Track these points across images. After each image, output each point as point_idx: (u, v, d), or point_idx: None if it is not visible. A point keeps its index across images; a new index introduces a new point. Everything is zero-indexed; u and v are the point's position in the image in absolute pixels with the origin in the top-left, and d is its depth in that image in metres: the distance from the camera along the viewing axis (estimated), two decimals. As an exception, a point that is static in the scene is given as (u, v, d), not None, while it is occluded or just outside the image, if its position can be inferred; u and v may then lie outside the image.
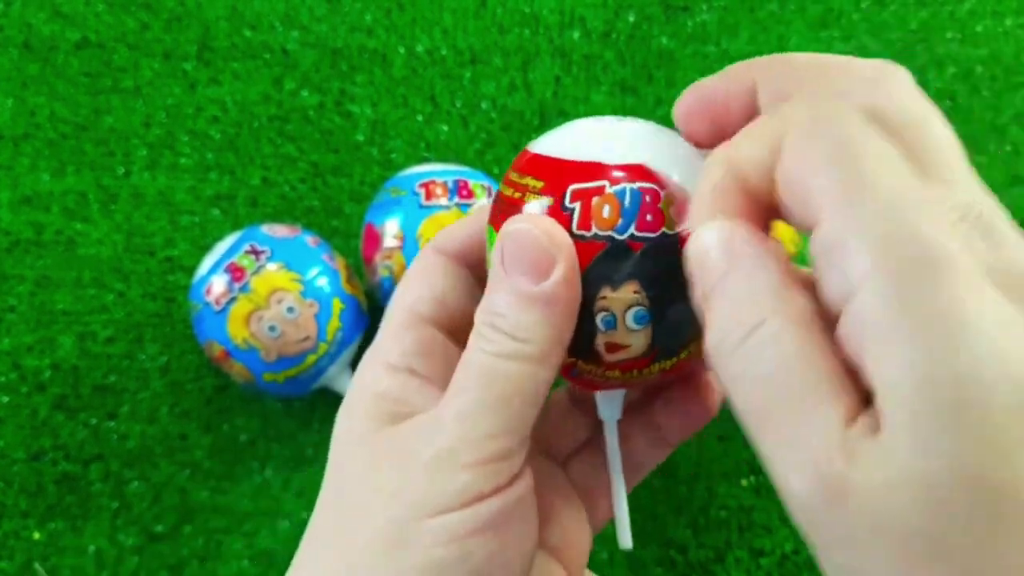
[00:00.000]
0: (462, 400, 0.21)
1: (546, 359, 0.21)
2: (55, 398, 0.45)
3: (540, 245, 0.20)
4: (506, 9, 0.53)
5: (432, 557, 0.19)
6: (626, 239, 0.20)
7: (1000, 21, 0.53)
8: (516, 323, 0.20)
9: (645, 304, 0.20)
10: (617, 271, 0.20)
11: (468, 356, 0.21)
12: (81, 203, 0.49)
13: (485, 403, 0.20)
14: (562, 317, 0.20)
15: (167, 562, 0.43)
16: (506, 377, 0.20)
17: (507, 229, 0.21)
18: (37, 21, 0.52)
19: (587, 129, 0.22)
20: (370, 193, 0.49)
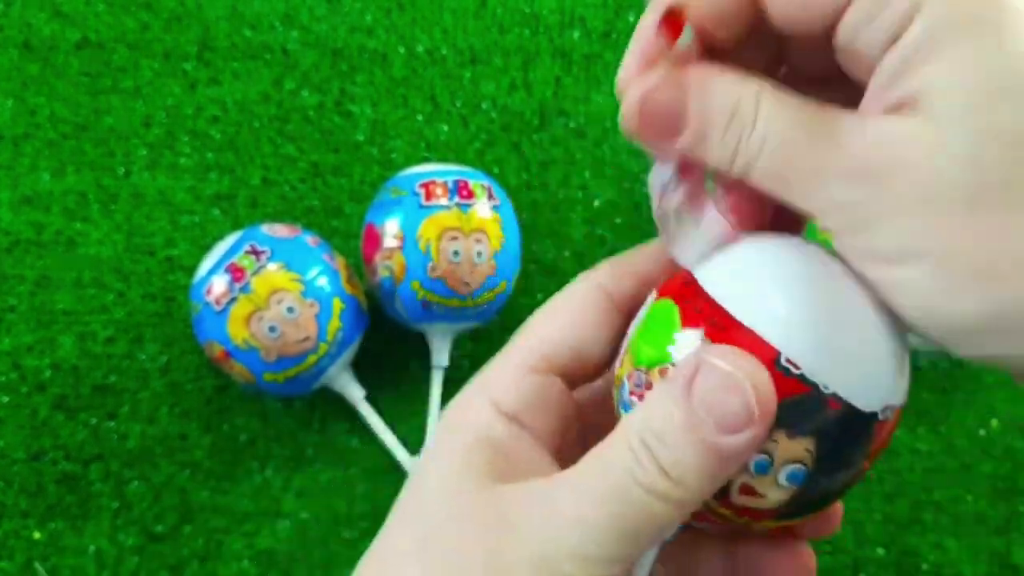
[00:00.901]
0: (591, 511, 0.18)
1: (691, 507, 0.19)
2: (55, 398, 0.45)
3: (746, 400, 0.18)
4: (506, 9, 0.53)
5: None
6: (829, 395, 0.18)
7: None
8: (678, 462, 0.18)
9: (808, 465, 0.19)
10: (802, 422, 0.18)
11: (610, 464, 0.19)
12: (81, 203, 0.49)
13: (614, 528, 0.18)
14: (728, 474, 0.18)
15: (167, 562, 0.43)
16: (645, 512, 0.18)
17: (710, 360, 0.18)
18: (37, 21, 0.52)
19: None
20: (370, 193, 0.49)
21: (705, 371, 0.18)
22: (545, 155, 0.50)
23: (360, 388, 0.44)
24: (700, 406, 0.18)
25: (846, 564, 0.42)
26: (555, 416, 0.22)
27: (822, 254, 0.20)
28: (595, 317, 0.22)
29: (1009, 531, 0.43)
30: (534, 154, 0.50)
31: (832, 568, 0.42)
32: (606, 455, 0.19)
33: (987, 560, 0.42)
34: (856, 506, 0.43)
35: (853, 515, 0.43)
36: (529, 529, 0.19)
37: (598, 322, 0.22)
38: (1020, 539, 0.42)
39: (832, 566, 0.42)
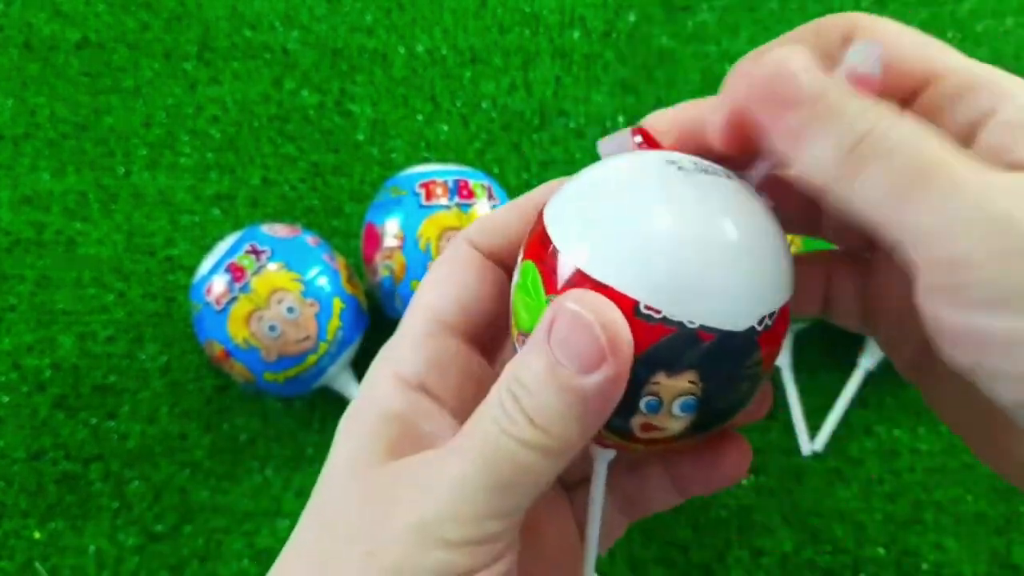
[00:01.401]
0: (461, 470, 0.19)
1: (563, 454, 0.19)
2: (55, 398, 0.45)
3: (595, 337, 0.18)
4: (506, 9, 0.53)
5: None
6: (697, 329, 0.18)
7: (1001, 21, 0.53)
8: (541, 407, 0.18)
9: (696, 394, 0.19)
10: (679, 360, 0.18)
11: (481, 420, 0.19)
12: (81, 203, 0.49)
13: (485, 482, 0.18)
14: (594, 416, 0.18)
15: (167, 562, 0.43)
16: (514, 461, 0.18)
17: (563, 304, 0.18)
18: (37, 21, 0.52)
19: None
20: (370, 193, 0.49)
21: (559, 316, 0.18)
22: (545, 155, 0.50)
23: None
24: (556, 349, 0.18)
25: (846, 564, 0.42)
26: (459, 377, 0.22)
27: (670, 169, 0.19)
28: (473, 274, 0.22)
29: (1009, 531, 0.43)
30: (534, 154, 0.50)
31: (832, 568, 0.42)
32: (480, 411, 0.19)
33: (987, 560, 0.42)
34: (856, 506, 0.43)
35: (853, 515, 0.43)
36: (412, 497, 0.19)
37: (479, 278, 0.22)
38: (1020, 539, 0.42)
39: (832, 566, 0.42)
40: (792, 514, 0.43)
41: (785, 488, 0.44)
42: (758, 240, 0.19)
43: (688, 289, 0.18)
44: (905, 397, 0.45)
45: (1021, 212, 0.15)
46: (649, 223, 0.19)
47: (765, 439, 0.45)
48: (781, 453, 0.44)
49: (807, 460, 0.44)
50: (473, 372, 0.22)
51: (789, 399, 0.44)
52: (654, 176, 0.19)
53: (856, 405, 0.45)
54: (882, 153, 0.16)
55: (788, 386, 0.44)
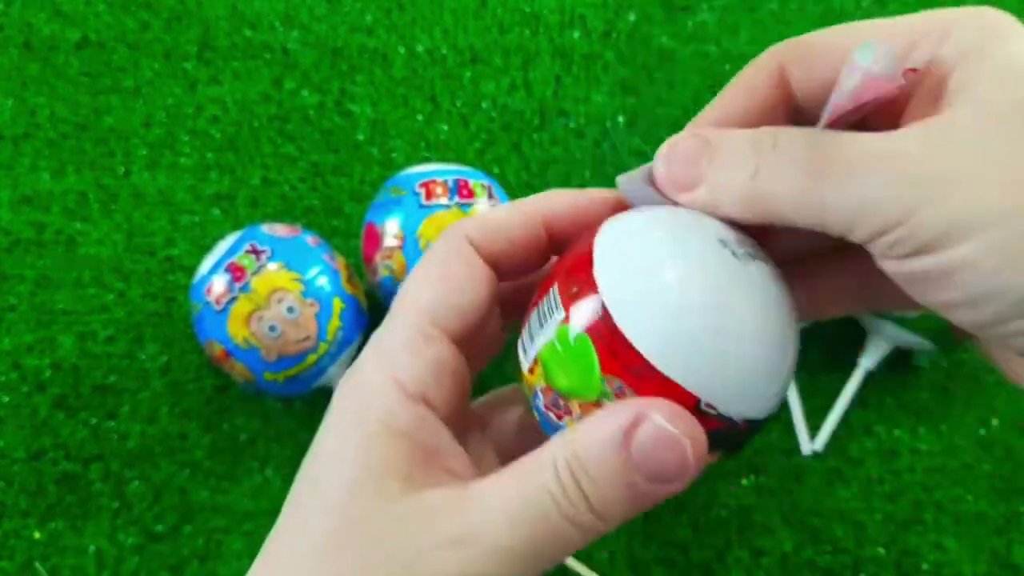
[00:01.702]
0: (505, 532, 0.19)
1: (601, 536, 0.19)
2: (55, 398, 0.45)
3: (684, 457, 0.18)
4: (506, 9, 0.53)
5: None
6: (741, 421, 0.20)
7: (1000, 21, 0.53)
8: (605, 499, 0.19)
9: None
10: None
11: (534, 487, 0.19)
12: (81, 203, 0.49)
13: (527, 552, 0.19)
14: (650, 507, 0.19)
15: (167, 562, 0.43)
16: (560, 538, 0.19)
17: (653, 418, 0.18)
18: (37, 21, 0.52)
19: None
20: (370, 193, 0.49)
21: (646, 426, 0.18)
22: (545, 155, 0.50)
23: (360, 388, 0.44)
24: (638, 457, 0.18)
25: (846, 564, 0.42)
26: (455, 388, 0.21)
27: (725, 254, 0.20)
28: (470, 276, 0.22)
29: (1009, 531, 0.43)
30: (534, 154, 0.50)
31: (832, 568, 0.42)
32: (528, 480, 0.19)
33: (987, 560, 0.42)
34: (856, 506, 0.43)
35: (853, 515, 0.43)
36: (452, 554, 0.19)
37: (474, 281, 0.22)
38: (1020, 539, 0.42)
39: (832, 566, 0.42)
40: (792, 514, 0.43)
41: (785, 488, 0.44)
42: (791, 338, 0.21)
43: (743, 392, 0.20)
44: (905, 397, 0.45)
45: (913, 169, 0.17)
46: (717, 321, 0.19)
47: (765, 439, 0.45)
48: (781, 453, 0.44)
49: (807, 460, 0.44)
50: (462, 378, 0.22)
51: (789, 399, 0.44)
52: (714, 263, 0.20)
53: (856, 405, 0.45)
54: (785, 161, 0.18)
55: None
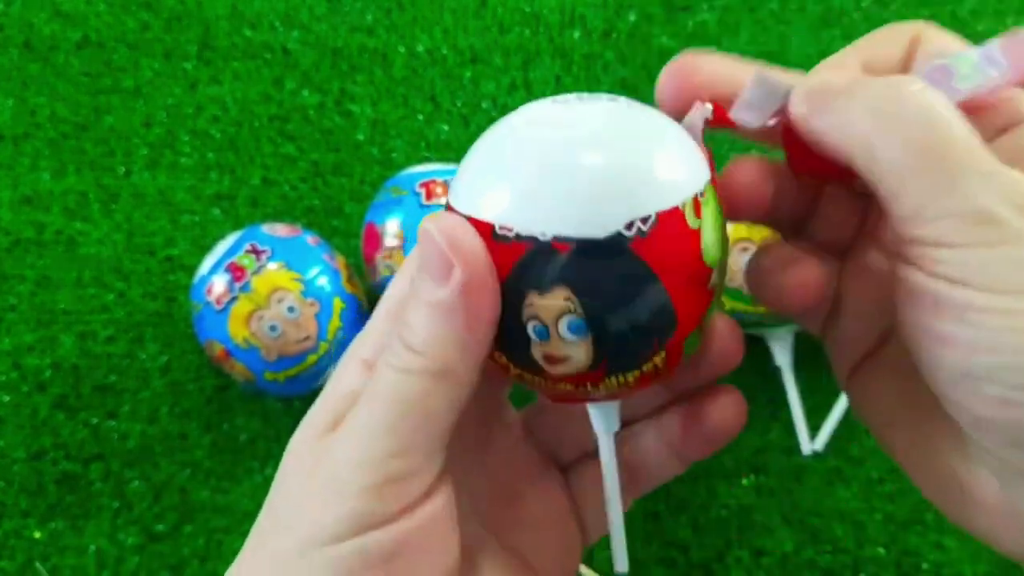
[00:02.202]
0: (359, 418, 0.19)
1: (448, 374, 0.19)
2: (55, 397, 0.45)
3: (439, 249, 0.18)
4: (506, 8, 0.53)
5: None
6: (550, 240, 0.18)
7: (1001, 20, 0.53)
8: (415, 332, 0.19)
9: (577, 312, 0.18)
10: (543, 276, 0.18)
11: (376, 369, 0.20)
12: (81, 203, 0.49)
13: (380, 421, 0.18)
14: (465, 330, 0.18)
15: (168, 562, 0.43)
16: (403, 392, 0.19)
17: (420, 228, 0.19)
18: (38, 21, 0.52)
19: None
20: (371, 192, 0.49)
21: (418, 240, 0.19)
22: (545, 155, 0.50)
23: (360, 388, 0.44)
24: (416, 272, 0.19)
25: (846, 564, 0.42)
26: None
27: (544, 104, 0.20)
28: None
29: (1009, 531, 0.43)
30: (534, 154, 0.50)
31: (832, 568, 0.42)
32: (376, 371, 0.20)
33: (987, 560, 0.42)
34: (857, 506, 0.43)
35: (853, 515, 0.43)
36: (328, 456, 0.19)
37: None
38: (1020, 539, 0.42)
39: (832, 565, 0.42)
40: (792, 514, 0.43)
41: (785, 488, 0.44)
42: (618, 146, 0.18)
43: (534, 201, 0.18)
44: (905, 397, 0.45)
45: (1004, 212, 0.17)
46: (499, 150, 0.19)
47: (765, 439, 0.45)
48: (781, 453, 0.44)
49: (807, 460, 0.44)
50: None
51: (789, 398, 0.44)
52: (525, 112, 0.20)
53: (856, 405, 0.45)
54: (910, 120, 0.18)
55: (788, 385, 0.44)
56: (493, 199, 0.19)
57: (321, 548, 0.18)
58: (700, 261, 0.19)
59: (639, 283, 0.18)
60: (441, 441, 0.19)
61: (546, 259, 0.18)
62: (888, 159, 0.18)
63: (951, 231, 0.17)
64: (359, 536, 0.18)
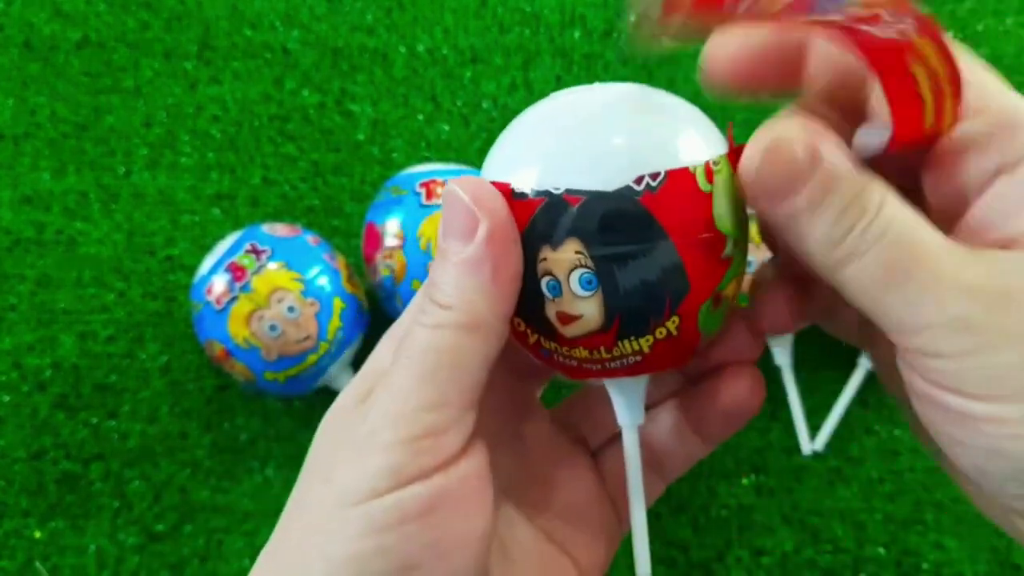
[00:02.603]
0: (394, 376, 0.19)
1: (478, 327, 0.19)
2: (56, 397, 0.45)
3: (464, 206, 0.19)
4: (507, 8, 0.53)
5: (355, 549, 0.18)
6: (562, 194, 0.19)
7: (1001, 20, 0.53)
8: (444, 289, 0.19)
9: (588, 266, 0.19)
10: (555, 229, 0.19)
11: (407, 329, 0.20)
12: (82, 202, 0.49)
13: (413, 376, 0.19)
14: (492, 281, 0.19)
15: (168, 561, 0.43)
16: (437, 348, 0.19)
17: (445, 190, 0.20)
18: (38, 21, 0.52)
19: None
20: (371, 192, 0.49)
21: (443, 204, 0.19)
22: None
23: (360, 387, 0.44)
24: (442, 233, 0.19)
25: (846, 564, 0.42)
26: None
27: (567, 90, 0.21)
28: None
29: (1010, 531, 0.43)
30: (534, 153, 0.50)
31: (832, 567, 0.42)
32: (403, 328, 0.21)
33: (988, 560, 0.42)
34: (857, 505, 0.43)
35: (854, 515, 0.43)
36: (361, 418, 0.20)
37: None
38: (1021, 539, 0.42)
39: (832, 565, 0.42)
40: (792, 514, 0.43)
41: (785, 488, 0.44)
42: (632, 111, 0.19)
43: (547, 161, 0.19)
44: (905, 397, 0.45)
45: (979, 317, 0.17)
46: (521, 122, 0.20)
47: (765, 439, 0.45)
48: (781, 452, 0.44)
49: (807, 460, 0.44)
50: None
51: (789, 398, 0.44)
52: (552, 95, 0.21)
53: (856, 405, 0.45)
54: (872, 242, 0.17)
55: (788, 385, 0.44)
56: (512, 162, 0.20)
57: (359, 502, 0.18)
58: (712, 226, 0.19)
59: (648, 238, 0.19)
60: (473, 396, 0.20)
61: (558, 212, 0.19)
62: (857, 282, 0.18)
63: (937, 341, 0.17)
64: (396, 491, 0.18)
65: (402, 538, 0.18)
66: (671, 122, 0.20)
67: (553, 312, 0.20)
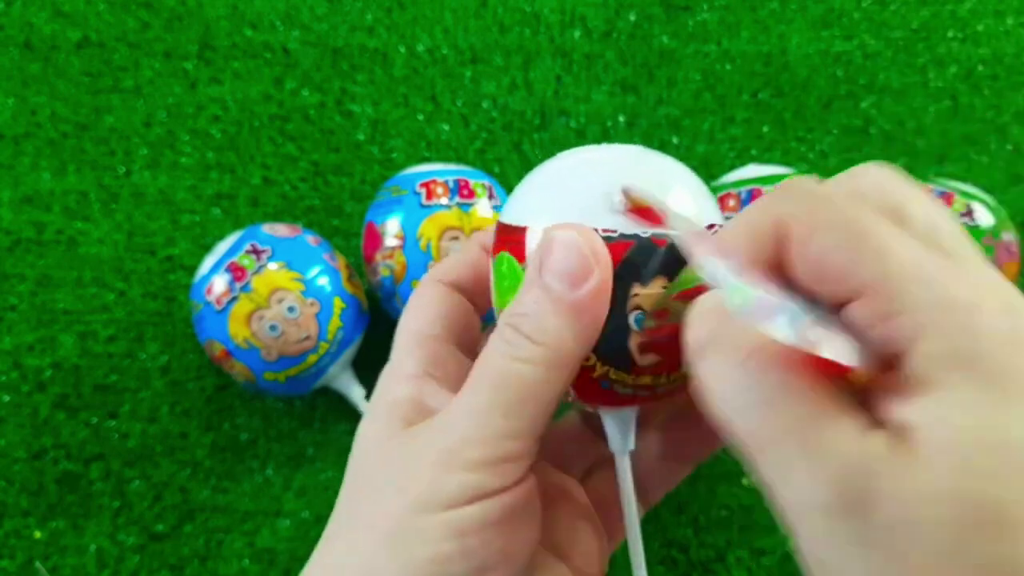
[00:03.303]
0: (474, 399, 0.21)
1: (564, 367, 0.21)
2: (56, 397, 0.45)
3: (581, 252, 0.20)
4: (507, 8, 0.53)
5: (437, 551, 0.20)
6: (650, 236, 0.21)
7: (1001, 20, 0.53)
8: (539, 326, 0.20)
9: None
10: (644, 267, 0.21)
11: (485, 355, 0.21)
12: (82, 202, 0.49)
13: (497, 404, 0.20)
14: (587, 328, 0.21)
15: (168, 561, 0.43)
16: (520, 380, 0.20)
17: (551, 234, 0.21)
18: (38, 20, 0.52)
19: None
20: (371, 192, 0.49)
21: (546, 245, 0.21)
22: (546, 155, 0.50)
23: (361, 388, 0.44)
24: (547, 270, 0.20)
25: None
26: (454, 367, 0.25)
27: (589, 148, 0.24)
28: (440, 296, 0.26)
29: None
30: (535, 154, 0.50)
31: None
32: (482, 355, 0.21)
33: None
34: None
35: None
36: (433, 436, 0.21)
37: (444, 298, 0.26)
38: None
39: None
40: (792, 514, 0.43)
41: (785, 488, 0.44)
42: (684, 175, 0.23)
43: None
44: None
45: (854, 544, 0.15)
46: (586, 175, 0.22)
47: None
48: (781, 453, 0.44)
49: (807, 460, 0.44)
50: (465, 366, 0.24)
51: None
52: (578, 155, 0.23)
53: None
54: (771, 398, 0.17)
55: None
56: (591, 210, 0.22)
57: (437, 511, 0.20)
58: None
59: None
60: (545, 426, 0.21)
61: (647, 253, 0.21)
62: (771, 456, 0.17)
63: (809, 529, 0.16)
64: (475, 503, 0.20)
65: (482, 543, 0.20)
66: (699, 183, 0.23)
67: (635, 343, 0.22)
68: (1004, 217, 0.42)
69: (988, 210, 0.42)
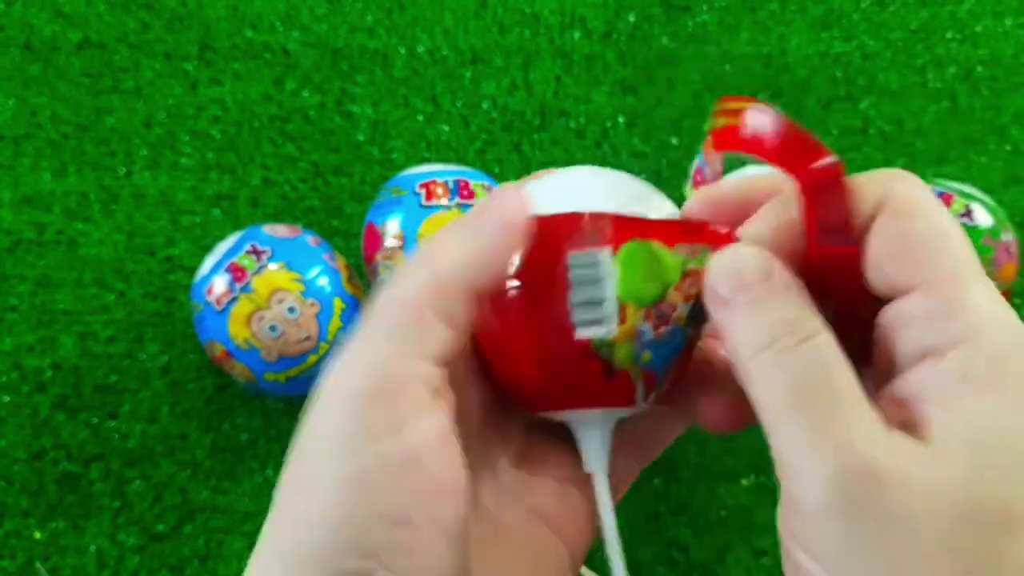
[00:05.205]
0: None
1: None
2: (56, 398, 0.45)
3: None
4: (507, 9, 0.53)
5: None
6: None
7: (1000, 21, 0.53)
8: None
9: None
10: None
11: None
12: (82, 203, 0.49)
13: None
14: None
15: (168, 561, 0.43)
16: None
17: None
18: (39, 22, 0.52)
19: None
20: (371, 193, 0.49)
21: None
22: (546, 155, 0.50)
23: (361, 388, 0.44)
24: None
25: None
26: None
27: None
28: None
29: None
30: (535, 154, 0.50)
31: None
32: None
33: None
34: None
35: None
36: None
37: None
38: (1020, 539, 0.42)
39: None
40: (792, 514, 0.43)
41: (785, 488, 0.44)
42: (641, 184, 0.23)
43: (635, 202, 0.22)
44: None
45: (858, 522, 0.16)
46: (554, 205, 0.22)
47: (766, 439, 0.45)
48: (781, 453, 0.44)
49: (807, 460, 0.44)
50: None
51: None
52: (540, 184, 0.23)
53: (856, 405, 0.45)
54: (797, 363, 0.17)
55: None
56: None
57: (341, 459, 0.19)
58: None
59: None
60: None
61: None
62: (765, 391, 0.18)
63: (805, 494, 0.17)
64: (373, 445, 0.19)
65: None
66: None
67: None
68: (1003, 217, 0.42)
69: (987, 210, 0.42)
